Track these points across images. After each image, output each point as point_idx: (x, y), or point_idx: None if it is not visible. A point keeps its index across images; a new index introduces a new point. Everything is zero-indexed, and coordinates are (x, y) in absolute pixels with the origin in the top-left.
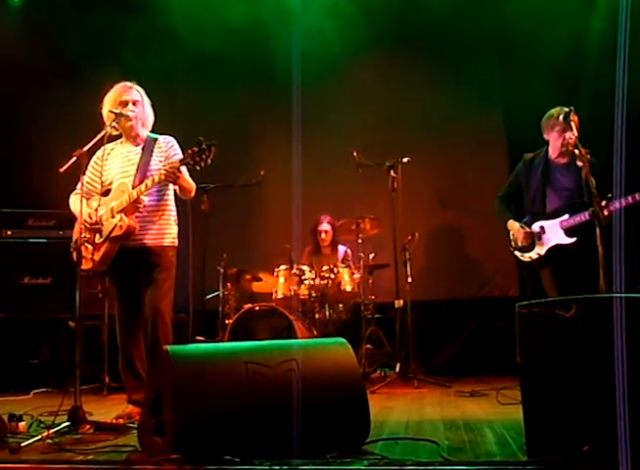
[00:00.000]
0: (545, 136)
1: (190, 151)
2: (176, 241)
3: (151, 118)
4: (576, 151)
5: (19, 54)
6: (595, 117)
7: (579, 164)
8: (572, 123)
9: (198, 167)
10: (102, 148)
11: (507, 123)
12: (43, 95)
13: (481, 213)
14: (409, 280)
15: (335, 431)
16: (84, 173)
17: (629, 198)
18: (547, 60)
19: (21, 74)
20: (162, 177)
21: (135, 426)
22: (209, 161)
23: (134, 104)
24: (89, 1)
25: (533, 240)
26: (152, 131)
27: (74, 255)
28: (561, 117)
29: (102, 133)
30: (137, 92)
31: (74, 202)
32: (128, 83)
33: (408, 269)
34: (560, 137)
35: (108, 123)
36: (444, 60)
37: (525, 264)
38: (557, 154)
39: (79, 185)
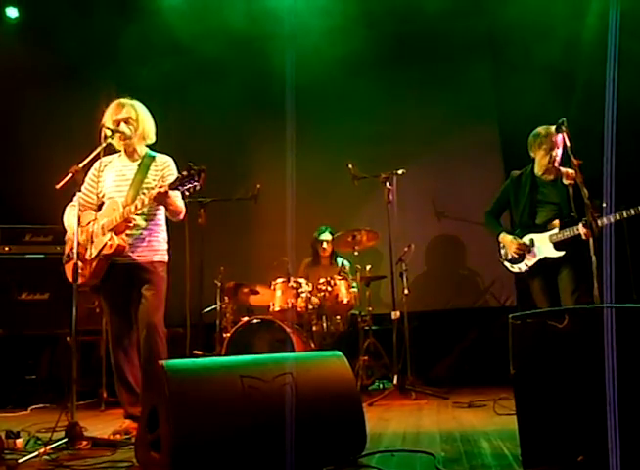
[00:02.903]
0: (532, 154)
1: (179, 176)
2: (166, 257)
3: (149, 132)
4: (562, 169)
5: (16, 66)
6: (589, 125)
7: (565, 182)
8: (564, 135)
9: (187, 193)
10: (99, 161)
11: (502, 133)
12: (40, 109)
13: (478, 224)
14: (405, 291)
15: (331, 444)
16: (80, 190)
17: (623, 213)
18: (541, 69)
19: (18, 87)
20: (152, 199)
21: (132, 441)
22: (198, 186)
23: (126, 121)
24: (87, 11)
25: (524, 252)
26: (151, 146)
27: (66, 268)
28: (552, 128)
29: (97, 150)
30: (131, 108)
31: (68, 214)
32: (122, 100)
33: (404, 281)
34: (547, 155)
35: (106, 137)
36: (438, 71)
37: (516, 276)
38: (543, 171)
39: (76, 197)
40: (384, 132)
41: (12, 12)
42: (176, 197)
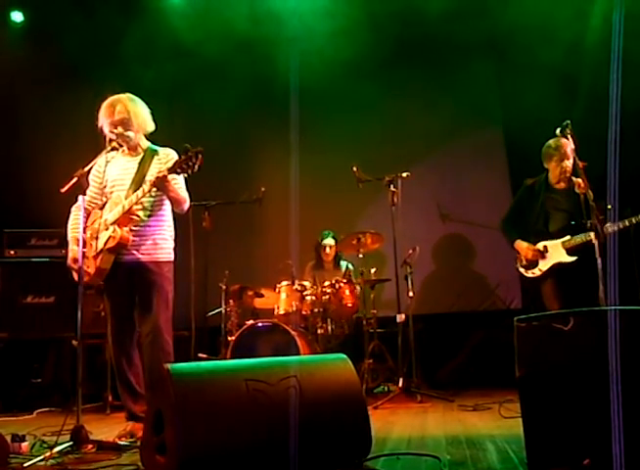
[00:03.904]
0: (545, 165)
1: (178, 159)
2: (172, 255)
3: (147, 122)
4: (573, 178)
5: (21, 70)
6: (593, 127)
7: (577, 190)
8: (569, 137)
9: (186, 175)
10: (103, 157)
11: (506, 135)
12: (45, 112)
13: (483, 226)
14: (410, 294)
15: (335, 448)
16: (85, 193)
17: (632, 219)
18: (545, 71)
19: (24, 90)
20: (152, 185)
21: (137, 444)
22: (197, 167)
23: (122, 123)
24: (90, 13)
25: (537, 258)
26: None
27: (73, 271)
28: (563, 140)
29: (102, 154)
30: (122, 107)
31: (72, 220)
32: (112, 100)
33: (409, 283)
34: (558, 166)
35: (107, 144)
36: (442, 73)
37: (529, 280)
38: (556, 180)
39: (80, 199)
40: (388, 135)
41: (17, 16)
42: (180, 188)
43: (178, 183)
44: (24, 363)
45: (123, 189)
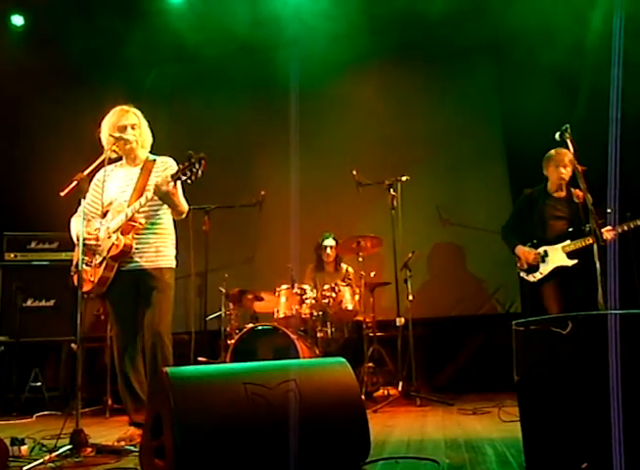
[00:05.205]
0: (544, 171)
1: (180, 166)
2: (174, 263)
3: (149, 139)
4: (572, 189)
5: (22, 73)
6: (593, 130)
7: (576, 200)
8: (568, 140)
9: (189, 181)
10: (102, 169)
11: (506, 138)
12: (47, 116)
13: (482, 230)
14: (410, 298)
15: (334, 451)
16: (84, 197)
17: (625, 226)
18: (546, 73)
19: (24, 94)
20: (154, 192)
21: (136, 449)
22: (200, 173)
23: (132, 127)
24: (92, 17)
25: (539, 261)
26: (152, 152)
27: (75, 278)
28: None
29: (102, 157)
30: (134, 115)
31: (76, 225)
32: (125, 107)
33: (409, 287)
34: (555, 171)
35: (107, 147)
36: (443, 76)
37: (529, 284)
38: (555, 188)
39: (80, 207)
40: (388, 139)
41: (17, 20)
42: (179, 193)
43: (178, 190)
44: (24, 367)
45: (125, 198)
